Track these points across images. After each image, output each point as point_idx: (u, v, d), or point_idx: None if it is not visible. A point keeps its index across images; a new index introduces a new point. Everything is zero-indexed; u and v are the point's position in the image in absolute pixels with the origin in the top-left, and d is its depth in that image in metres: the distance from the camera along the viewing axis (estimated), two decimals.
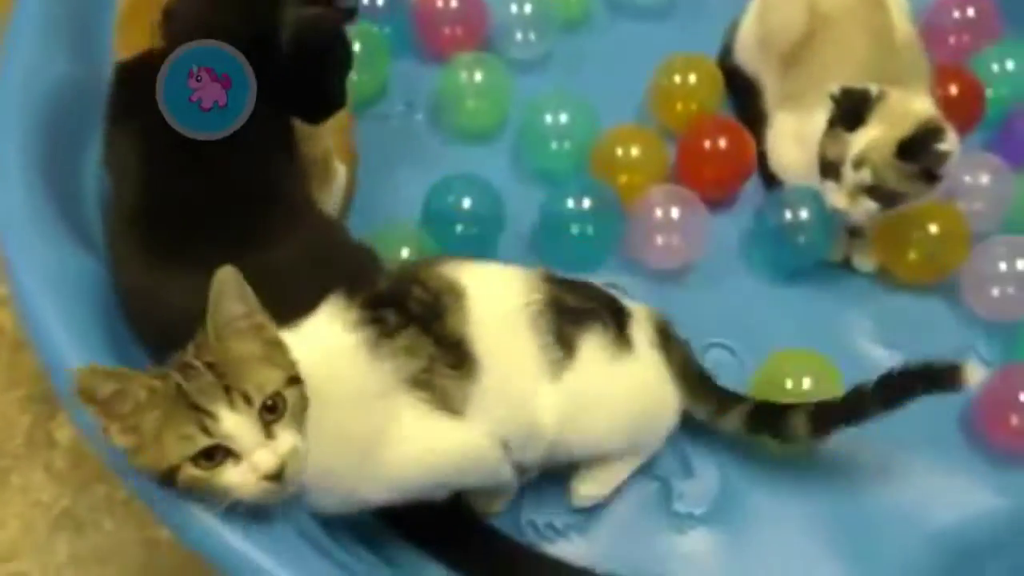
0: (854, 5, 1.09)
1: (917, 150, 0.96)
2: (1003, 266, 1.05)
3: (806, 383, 0.97)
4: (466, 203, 1.07)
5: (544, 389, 0.86)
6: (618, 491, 0.95)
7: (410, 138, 1.21)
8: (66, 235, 0.88)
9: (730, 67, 1.21)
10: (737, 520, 0.95)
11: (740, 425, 0.93)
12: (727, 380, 0.99)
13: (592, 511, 0.95)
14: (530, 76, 1.24)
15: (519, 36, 1.24)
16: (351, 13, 0.95)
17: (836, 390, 0.93)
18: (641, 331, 0.92)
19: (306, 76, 0.93)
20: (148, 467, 0.69)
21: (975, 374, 0.86)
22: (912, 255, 1.07)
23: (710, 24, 1.25)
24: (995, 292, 1.06)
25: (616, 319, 0.91)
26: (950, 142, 0.97)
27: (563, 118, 1.14)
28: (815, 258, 1.08)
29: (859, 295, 1.10)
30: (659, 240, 1.07)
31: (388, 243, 1.02)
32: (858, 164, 0.97)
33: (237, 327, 0.70)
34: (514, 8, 1.23)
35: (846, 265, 1.11)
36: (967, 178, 1.10)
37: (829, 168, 1.00)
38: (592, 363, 0.87)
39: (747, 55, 1.19)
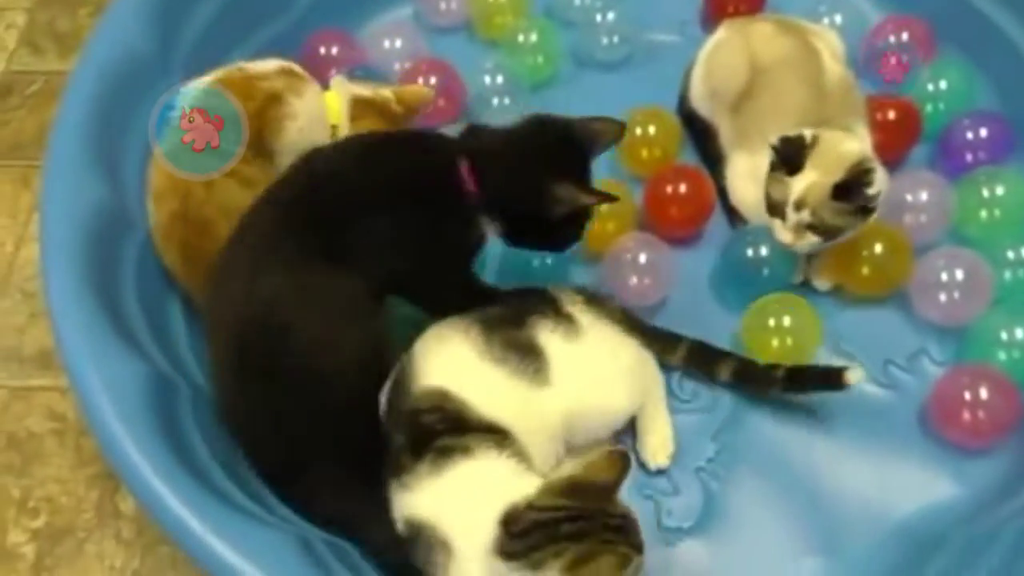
0: (788, 55, 1.20)
1: (850, 192, 1.07)
2: (945, 276, 1.15)
3: (786, 320, 1.12)
4: None
5: (539, 396, 0.99)
6: None
7: None
8: (114, 339, 1.01)
9: (687, 112, 1.33)
10: (722, 529, 1.07)
11: (680, 361, 1.13)
12: (703, 399, 1.13)
13: None
14: None
15: (495, 102, 1.36)
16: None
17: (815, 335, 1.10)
18: (574, 305, 1.06)
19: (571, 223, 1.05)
20: None
21: (854, 375, 1.05)
22: (864, 271, 1.18)
23: (665, 73, 1.37)
24: (943, 298, 1.16)
25: (549, 305, 1.05)
26: (878, 181, 1.09)
27: None
28: (778, 287, 1.19)
29: (820, 311, 1.19)
30: (633, 281, 1.19)
31: None
32: (799, 206, 1.09)
33: None
34: (487, 80, 1.36)
35: (806, 285, 1.22)
36: (909, 196, 1.21)
37: (775, 208, 1.12)
38: (556, 351, 1.01)
39: (700, 102, 1.31)
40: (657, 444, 1.09)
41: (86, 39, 1.23)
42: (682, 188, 1.24)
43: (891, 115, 1.26)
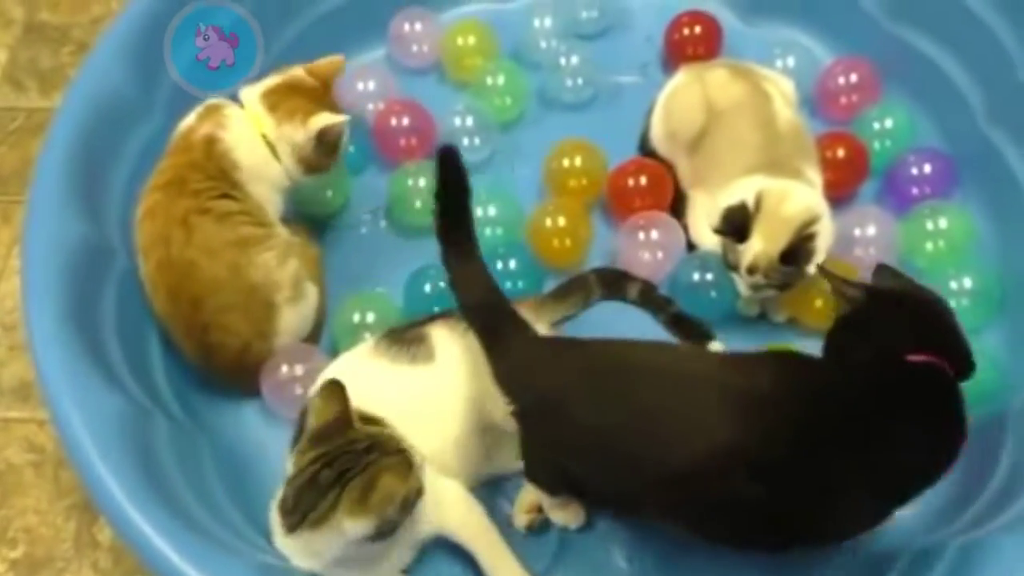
0: (742, 100, 1.26)
1: (796, 255, 1.13)
2: None
3: None
4: (441, 286, 1.21)
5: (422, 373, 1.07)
6: None
7: (377, 240, 1.38)
8: (93, 373, 1.04)
9: (649, 151, 1.39)
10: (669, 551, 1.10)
11: (601, 293, 1.27)
12: None
13: None
14: (478, 174, 1.41)
15: (465, 142, 1.42)
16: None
17: None
18: None
19: None
20: None
21: (715, 348, 1.19)
22: (817, 303, 1.24)
23: (628, 113, 1.43)
24: None
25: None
26: (823, 235, 1.15)
27: (491, 210, 1.32)
28: (725, 309, 1.25)
29: (778, 342, 1.25)
30: (646, 256, 1.29)
31: (359, 308, 1.23)
32: (751, 271, 1.15)
33: None
34: (458, 120, 1.41)
35: (763, 317, 1.28)
36: (857, 231, 1.27)
37: (731, 267, 1.18)
38: (446, 335, 1.09)
39: (659, 143, 1.37)
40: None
41: (69, 76, 1.27)
42: (643, 180, 1.32)
43: (840, 153, 1.33)
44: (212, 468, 1.12)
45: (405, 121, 1.41)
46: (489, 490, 1.14)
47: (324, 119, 1.17)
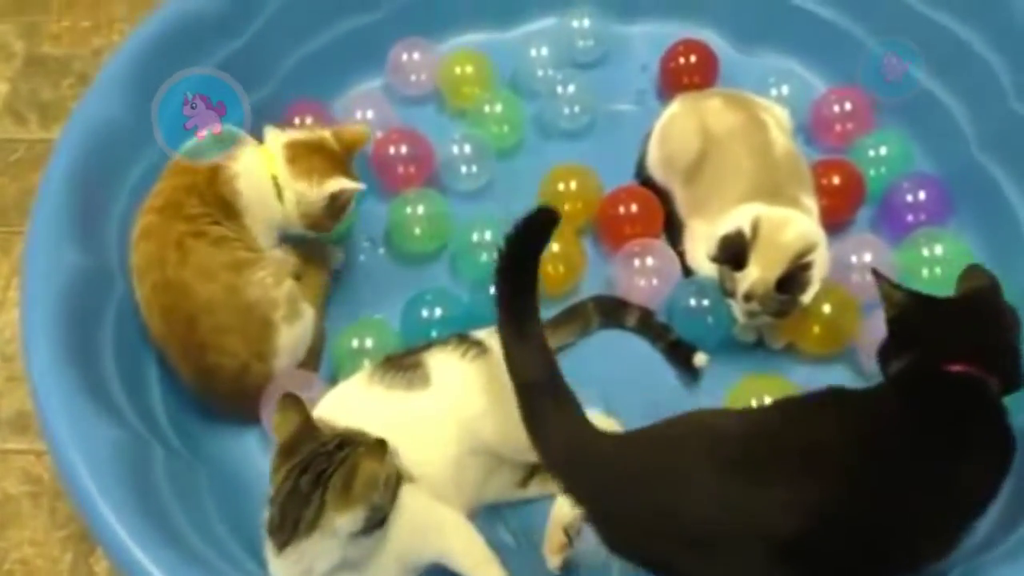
0: (738, 128, 1.28)
1: (791, 285, 1.14)
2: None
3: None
4: (438, 312, 1.26)
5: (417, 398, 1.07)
6: None
7: (376, 267, 1.39)
8: (91, 404, 1.04)
9: (645, 179, 1.40)
10: None
11: (599, 322, 1.28)
12: None
13: None
14: (476, 202, 1.43)
15: (463, 170, 1.43)
16: None
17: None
18: (487, 332, 1.13)
19: None
20: None
21: (700, 360, 1.22)
22: (816, 330, 1.24)
23: (624, 140, 1.45)
24: None
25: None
26: (819, 263, 1.15)
27: (487, 235, 1.32)
28: (722, 335, 1.26)
29: (775, 368, 1.26)
30: (641, 283, 1.30)
31: (358, 334, 1.23)
32: (747, 298, 1.16)
33: None
34: (455, 149, 1.42)
35: (760, 344, 1.28)
36: (854, 257, 1.27)
37: (728, 294, 1.19)
38: (442, 361, 1.09)
39: (656, 170, 1.38)
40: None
41: (70, 108, 1.28)
42: (633, 208, 1.34)
43: (836, 180, 1.34)
44: (210, 498, 1.12)
45: (404, 149, 1.42)
46: (488, 517, 1.14)
47: (339, 183, 1.21)
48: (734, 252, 1.15)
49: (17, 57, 1.78)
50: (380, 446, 0.92)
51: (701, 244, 1.28)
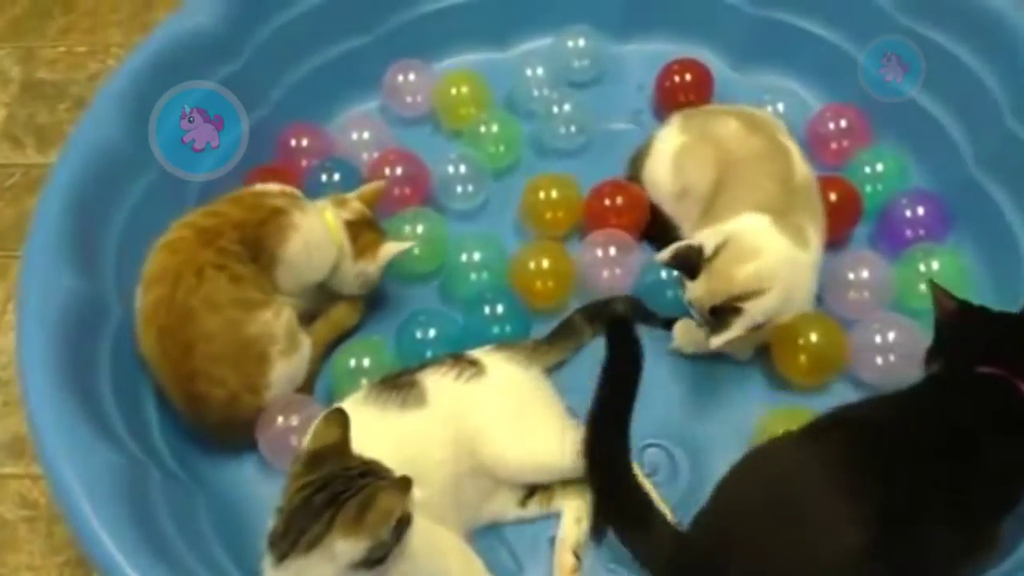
0: (762, 152, 1.27)
1: (722, 316, 1.12)
2: (878, 339, 1.21)
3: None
4: (431, 332, 1.26)
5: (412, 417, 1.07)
6: None
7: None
8: (88, 428, 1.03)
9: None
10: None
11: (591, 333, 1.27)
12: (664, 475, 1.17)
13: None
14: (472, 222, 1.44)
15: (459, 189, 1.43)
16: None
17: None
18: (482, 352, 1.14)
19: None
20: None
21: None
22: (802, 359, 1.21)
23: (620, 159, 1.45)
24: (879, 361, 1.21)
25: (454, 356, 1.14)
26: (762, 305, 1.12)
27: (476, 256, 1.33)
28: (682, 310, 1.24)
29: (767, 388, 1.25)
30: (604, 274, 1.32)
31: (355, 354, 1.23)
32: (691, 305, 1.17)
33: None
34: (451, 168, 1.43)
35: (754, 362, 1.27)
36: (851, 274, 1.27)
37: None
38: (437, 381, 1.10)
39: (666, 204, 1.36)
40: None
41: (67, 133, 1.28)
42: (619, 200, 1.35)
43: (833, 197, 1.33)
44: (208, 522, 1.11)
45: (399, 170, 1.42)
46: (488, 538, 1.13)
47: (391, 249, 1.28)
48: (684, 264, 1.15)
49: (14, 82, 1.78)
50: (404, 484, 0.90)
51: None
